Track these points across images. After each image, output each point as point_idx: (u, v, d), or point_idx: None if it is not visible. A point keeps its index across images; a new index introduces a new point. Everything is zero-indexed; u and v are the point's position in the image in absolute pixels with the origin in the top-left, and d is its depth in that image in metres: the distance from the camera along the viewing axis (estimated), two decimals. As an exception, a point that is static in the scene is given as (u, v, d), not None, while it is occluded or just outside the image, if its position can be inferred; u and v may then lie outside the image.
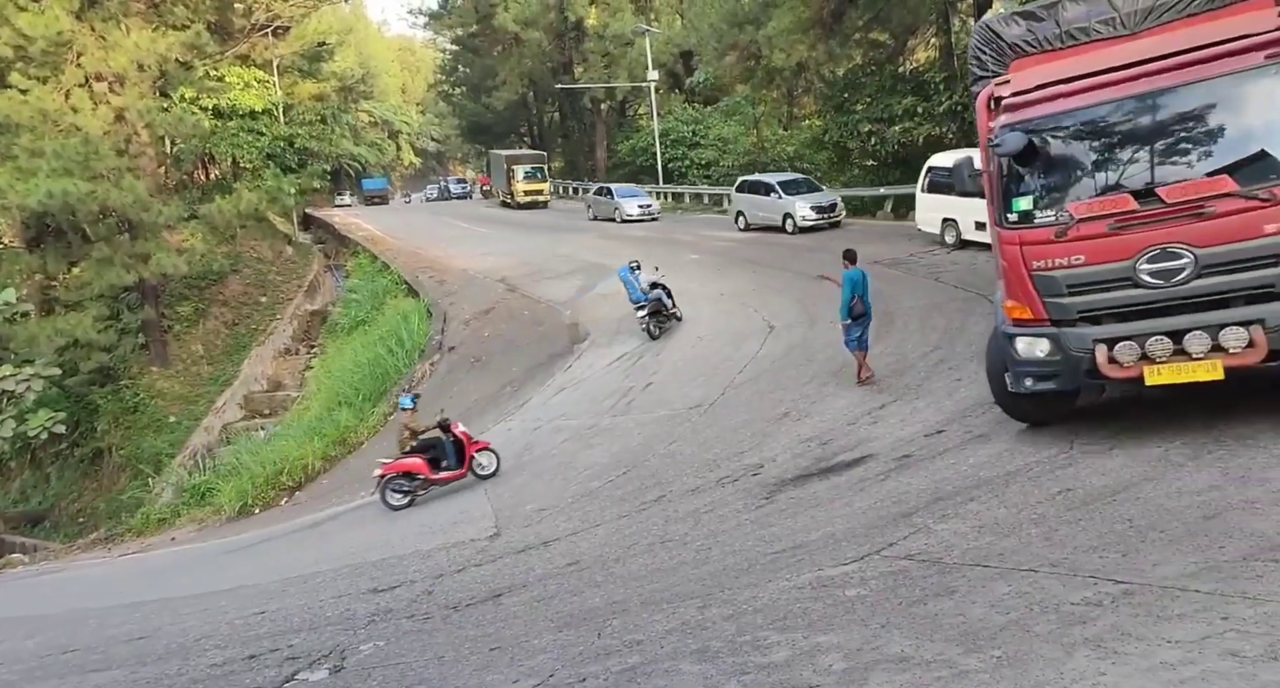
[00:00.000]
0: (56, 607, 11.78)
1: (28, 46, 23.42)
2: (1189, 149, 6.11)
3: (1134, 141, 6.26)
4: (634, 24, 44.51)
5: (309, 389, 24.18)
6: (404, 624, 6.49)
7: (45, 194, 21.79)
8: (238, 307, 31.42)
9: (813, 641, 4.30)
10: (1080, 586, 4.29)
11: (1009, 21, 7.61)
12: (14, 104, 23.12)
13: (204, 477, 19.70)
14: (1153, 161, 6.14)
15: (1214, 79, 5.85)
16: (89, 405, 25.07)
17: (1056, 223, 6.24)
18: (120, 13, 25.65)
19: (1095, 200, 6.17)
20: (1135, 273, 6.00)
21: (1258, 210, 5.65)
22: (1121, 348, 6.08)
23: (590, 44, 49.28)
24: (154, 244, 24.90)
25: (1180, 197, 5.83)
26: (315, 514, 13.71)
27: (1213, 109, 5.95)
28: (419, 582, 7.81)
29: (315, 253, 37.72)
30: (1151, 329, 6.01)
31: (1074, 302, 6.29)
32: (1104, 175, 6.30)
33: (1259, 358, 5.75)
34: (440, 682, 5.06)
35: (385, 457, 12.40)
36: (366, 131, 64.73)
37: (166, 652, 7.36)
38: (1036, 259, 6.37)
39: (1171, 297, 5.96)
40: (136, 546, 16.89)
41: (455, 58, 62.64)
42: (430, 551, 9.12)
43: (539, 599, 6.35)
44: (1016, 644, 3.78)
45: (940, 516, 5.95)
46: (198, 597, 9.89)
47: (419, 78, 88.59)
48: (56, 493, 24.61)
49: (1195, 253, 5.82)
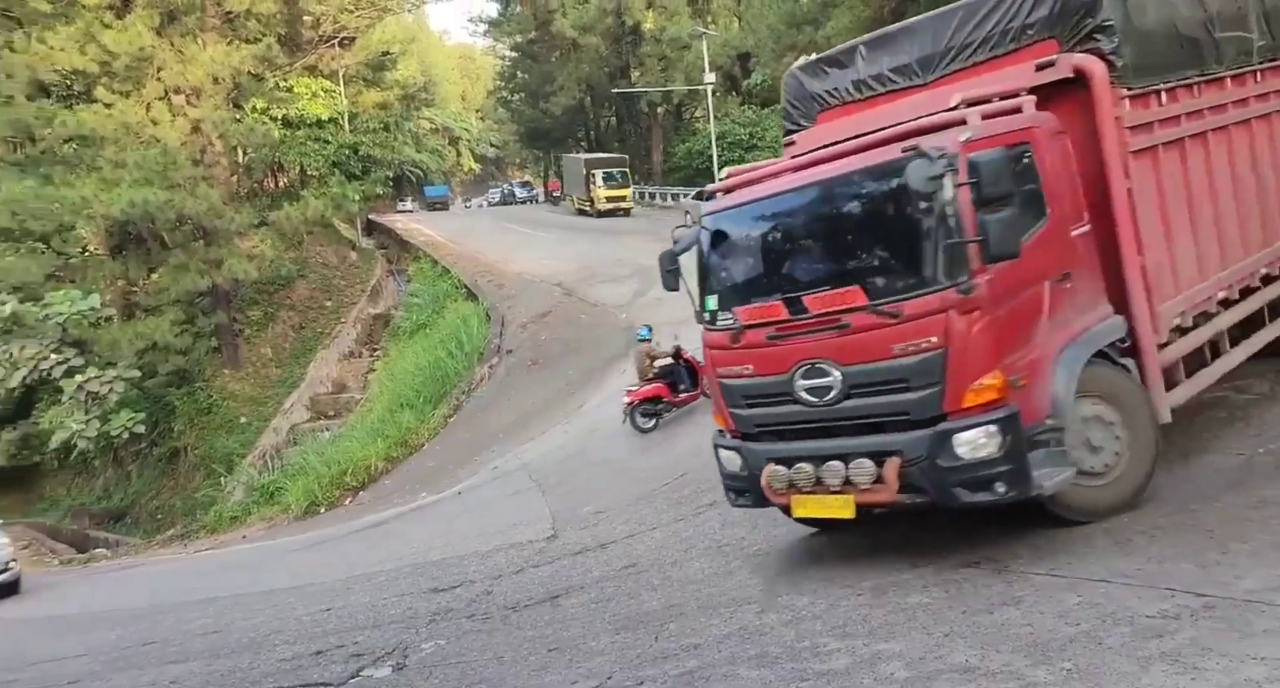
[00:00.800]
0: (137, 601, 12.28)
1: (112, 62, 24.55)
2: (837, 254, 5.41)
3: (791, 243, 5.68)
4: (691, 27, 44.47)
5: (372, 391, 24.74)
6: (464, 624, 6.59)
7: (127, 203, 22.78)
8: (304, 311, 32.32)
9: (874, 648, 4.23)
10: (1156, 597, 4.13)
11: (814, 70, 6.98)
12: (99, 118, 24.25)
13: (273, 476, 20.31)
14: (806, 266, 5.53)
15: (856, 175, 5.18)
16: (167, 406, 26.07)
17: (731, 327, 5.59)
18: (197, 28, 26.69)
19: (757, 306, 5.49)
20: (793, 388, 5.28)
21: (886, 328, 4.91)
22: (773, 471, 5.41)
23: (647, 48, 49.39)
24: (226, 250, 25.82)
25: (821, 307, 5.13)
26: (378, 514, 14.02)
27: (859, 209, 5.26)
28: (478, 582, 7.92)
29: (378, 258, 38.55)
30: (801, 452, 5.35)
31: (749, 414, 5.63)
32: (768, 278, 5.67)
33: (889, 496, 5.00)
34: (499, 681, 5.13)
35: (631, 385, 12.75)
36: (428, 138, 65.95)
37: (239, 646, 7.62)
38: (719, 365, 5.74)
39: (825, 417, 5.25)
40: (210, 543, 17.50)
41: (514, 64, 63.40)
42: (489, 552, 9.24)
43: (596, 601, 6.38)
44: (1088, 657, 3.66)
45: (1005, 523, 5.80)
46: (268, 593, 10.21)
47: (478, 85, 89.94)
48: (136, 491, 25.67)
49: (840, 370, 5.10)
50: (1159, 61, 5.85)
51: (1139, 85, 5.66)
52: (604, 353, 18.05)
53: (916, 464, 4.94)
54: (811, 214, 5.52)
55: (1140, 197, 5.54)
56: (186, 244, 26.08)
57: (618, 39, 50.58)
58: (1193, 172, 6.14)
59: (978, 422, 4.81)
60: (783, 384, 5.33)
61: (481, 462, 14.74)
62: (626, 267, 25.34)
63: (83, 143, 25.42)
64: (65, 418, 22.46)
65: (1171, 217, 5.87)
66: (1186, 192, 6.07)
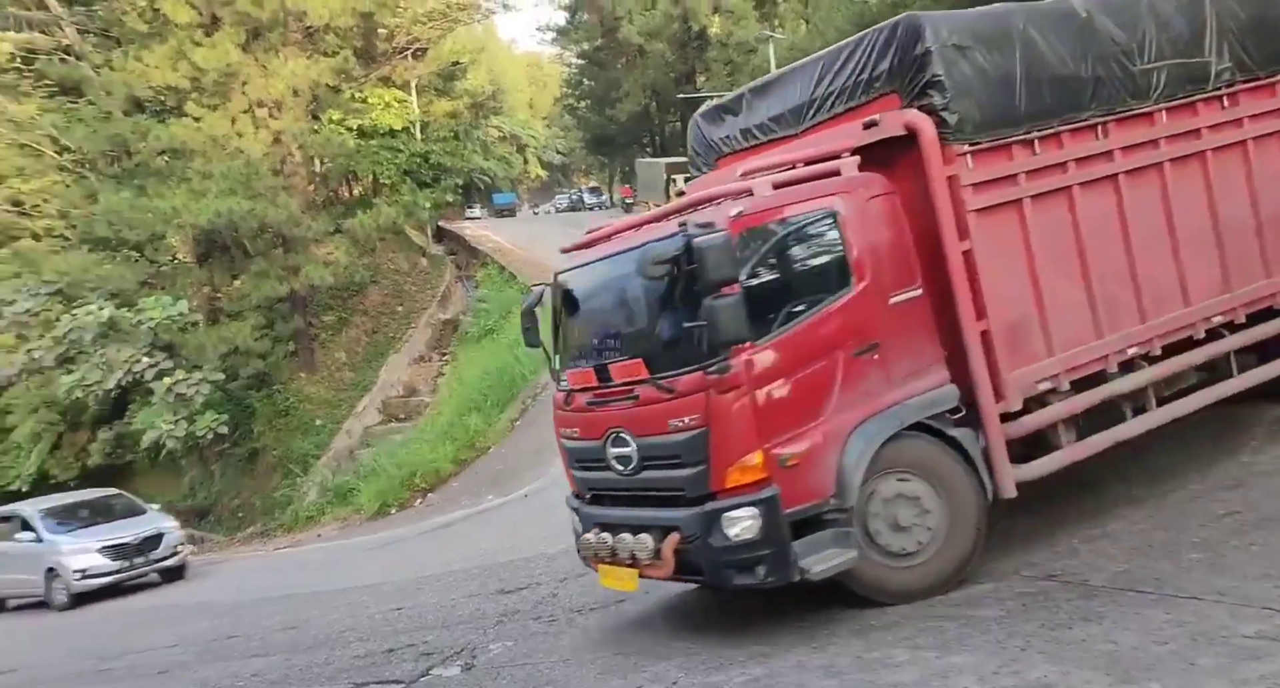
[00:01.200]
0: (222, 595, 12.77)
1: (201, 78, 25.69)
2: (629, 325, 5.50)
3: (603, 310, 5.72)
4: (757, 31, 44.30)
5: (441, 395, 25.24)
6: (531, 625, 6.67)
7: (214, 212, 23.78)
8: (376, 316, 33.15)
9: (946, 661, 4.12)
10: (1253, 617, 3.92)
11: (713, 116, 6.89)
12: (189, 131, 25.39)
13: (346, 477, 20.88)
14: (610, 335, 5.56)
15: (635, 248, 5.10)
16: (247, 408, 27.02)
17: (563, 389, 5.67)
18: (280, 43, 27.71)
19: (579, 370, 5.54)
20: (605, 454, 5.25)
21: (665, 402, 4.84)
22: (583, 538, 5.46)
23: (713, 52, 49.39)
24: (304, 257, 26.69)
25: (620, 377, 5.13)
26: (447, 515, 14.30)
27: (642, 282, 5.08)
28: (544, 584, 7.99)
29: (447, 264, 39.31)
30: (611, 519, 5.33)
31: (579, 477, 5.69)
32: (587, 343, 5.74)
33: (666, 572, 4.94)
34: (566, 683, 5.17)
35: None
36: (496, 146, 67.07)
37: (315, 642, 7.87)
38: (558, 425, 5.77)
39: (630, 487, 5.24)
40: (288, 541, 18.09)
41: (580, 71, 64.12)
42: (555, 554, 9.31)
43: (661, 606, 6.37)
44: (1177, 678, 3.50)
45: (1086, 535, 5.59)
46: (342, 591, 10.50)
47: (545, 92, 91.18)
48: (219, 489, 26.69)
49: (635, 441, 5.06)
50: (1013, 113, 5.42)
51: (987, 139, 5.32)
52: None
53: (692, 542, 4.84)
54: (611, 283, 5.55)
55: (990, 257, 5.20)
56: (267, 252, 27.03)
57: (683, 44, 50.73)
58: (1088, 222, 5.62)
59: (739, 503, 4.68)
60: (598, 450, 5.31)
61: (547, 466, 14.86)
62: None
63: (174, 155, 26.62)
64: (155, 419, 23.48)
65: (1046, 274, 5.43)
66: (1077, 244, 5.60)
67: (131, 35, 26.89)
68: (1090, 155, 5.74)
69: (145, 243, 26.99)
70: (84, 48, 29.71)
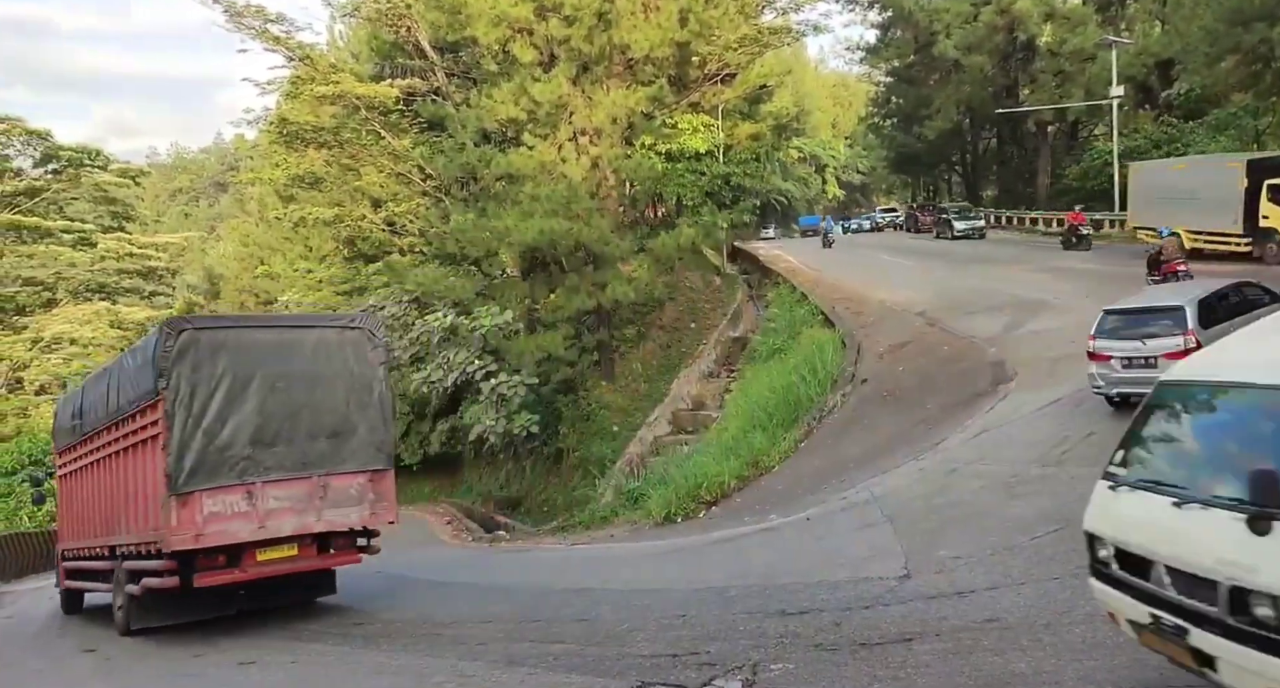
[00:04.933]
0: (527, 581, 14.07)
1: (536, 110, 28.86)
2: None
3: None
4: (1099, 36, 40.25)
5: (727, 411, 25.70)
6: (812, 652, 6.60)
7: (538, 232, 26.50)
8: (671, 331, 34.70)
9: None
10: None
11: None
12: (523, 158, 28.61)
13: (637, 483, 22.00)
14: None
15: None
16: (555, 411, 29.54)
17: None
18: (604, 75, 30.26)
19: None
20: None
21: None
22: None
23: (1040, 63, 45.70)
24: (611, 275, 28.74)
25: None
26: (729, 530, 14.51)
27: None
28: (827, 612, 7.86)
29: (740, 283, 40.11)
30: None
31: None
32: None
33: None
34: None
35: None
36: (794, 167, 67.28)
37: (606, 637, 8.38)
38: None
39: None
40: (585, 538, 19.41)
41: (888, 89, 62.47)
42: (838, 582, 9.13)
43: (954, 652, 6.01)
44: None
45: None
46: (630, 592, 11.08)
47: (850, 112, 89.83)
48: (529, 483, 29.48)
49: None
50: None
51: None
52: (968, 389, 16.91)
53: None
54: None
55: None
56: (579, 268, 29.48)
57: (1006, 56, 47.59)
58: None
59: None
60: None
61: (830, 490, 14.60)
62: (997, 297, 23.52)
63: (509, 181, 30.10)
64: (481, 415, 26.59)
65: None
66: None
67: (485, 75, 30.88)
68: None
69: (482, 258, 30.77)
70: (449, 89, 34.68)
